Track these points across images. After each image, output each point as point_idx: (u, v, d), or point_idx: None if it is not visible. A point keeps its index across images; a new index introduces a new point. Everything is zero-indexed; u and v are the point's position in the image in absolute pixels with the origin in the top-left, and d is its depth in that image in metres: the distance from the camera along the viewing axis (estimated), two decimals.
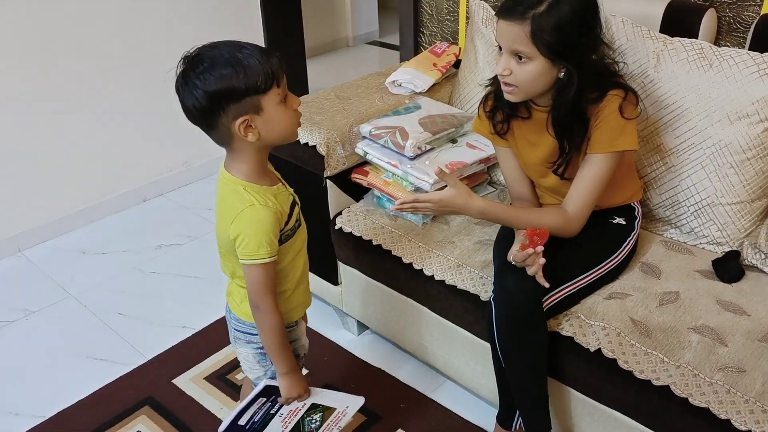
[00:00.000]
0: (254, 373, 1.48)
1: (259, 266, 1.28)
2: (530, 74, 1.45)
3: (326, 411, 1.49)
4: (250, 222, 1.26)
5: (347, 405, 1.51)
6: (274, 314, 1.33)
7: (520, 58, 1.44)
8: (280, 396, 1.41)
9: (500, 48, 1.48)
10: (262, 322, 1.34)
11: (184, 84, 1.20)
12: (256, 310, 1.33)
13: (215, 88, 1.17)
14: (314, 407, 1.46)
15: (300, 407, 1.45)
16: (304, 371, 1.57)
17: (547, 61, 1.43)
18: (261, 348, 1.42)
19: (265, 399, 1.41)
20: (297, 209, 1.38)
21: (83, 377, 2.07)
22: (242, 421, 1.39)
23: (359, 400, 1.51)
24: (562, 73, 1.45)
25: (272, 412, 1.43)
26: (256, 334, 1.41)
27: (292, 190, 1.40)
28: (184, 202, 3.05)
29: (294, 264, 1.40)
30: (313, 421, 1.48)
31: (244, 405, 1.39)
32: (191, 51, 1.22)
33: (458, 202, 1.50)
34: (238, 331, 1.45)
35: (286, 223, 1.33)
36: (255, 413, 1.41)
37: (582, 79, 1.45)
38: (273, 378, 1.43)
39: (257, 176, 1.30)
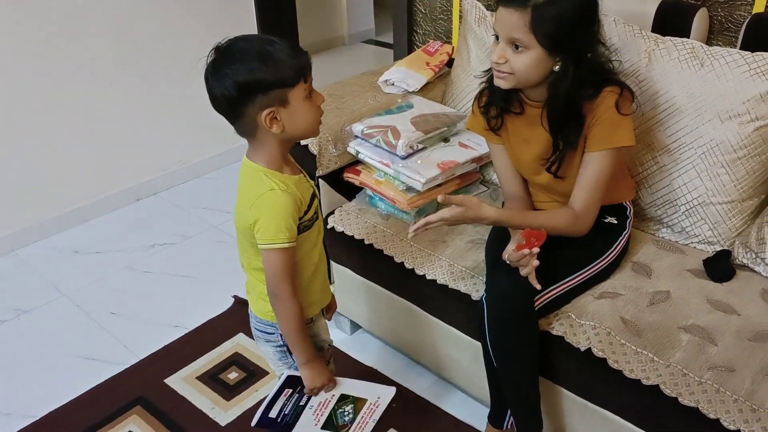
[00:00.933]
0: (279, 370, 1.49)
1: (278, 251, 1.29)
2: (525, 64, 1.44)
3: (357, 402, 1.47)
4: (270, 206, 1.28)
5: (378, 395, 1.49)
6: (292, 302, 1.33)
7: (517, 47, 1.44)
8: (304, 387, 1.41)
9: (497, 37, 1.48)
10: (281, 309, 1.34)
11: (214, 73, 1.23)
12: (274, 298, 1.34)
13: (245, 79, 1.21)
14: (344, 398, 1.46)
15: (329, 398, 1.45)
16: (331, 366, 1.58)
17: (543, 51, 1.42)
18: (279, 346, 1.43)
19: (291, 390, 1.41)
20: (316, 202, 1.40)
21: (75, 377, 2.06)
22: (273, 414, 1.40)
23: (391, 390, 1.49)
24: (558, 66, 1.45)
25: (301, 404, 1.43)
26: (273, 333, 1.42)
27: (313, 182, 1.42)
28: (177, 201, 3.04)
29: (309, 257, 1.40)
30: (346, 413, 1.47)
31: (270, 397, 1.39)
32: (223, 42, 1.25)
33: (469, 215, 1.48)
34: (257, 329, 1.46)
35: (305, 213, 1.34)
36: (285, 405, 1.41)
37: (577, 75, 1.45)
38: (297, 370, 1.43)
39: (279, 165, 1.33)
